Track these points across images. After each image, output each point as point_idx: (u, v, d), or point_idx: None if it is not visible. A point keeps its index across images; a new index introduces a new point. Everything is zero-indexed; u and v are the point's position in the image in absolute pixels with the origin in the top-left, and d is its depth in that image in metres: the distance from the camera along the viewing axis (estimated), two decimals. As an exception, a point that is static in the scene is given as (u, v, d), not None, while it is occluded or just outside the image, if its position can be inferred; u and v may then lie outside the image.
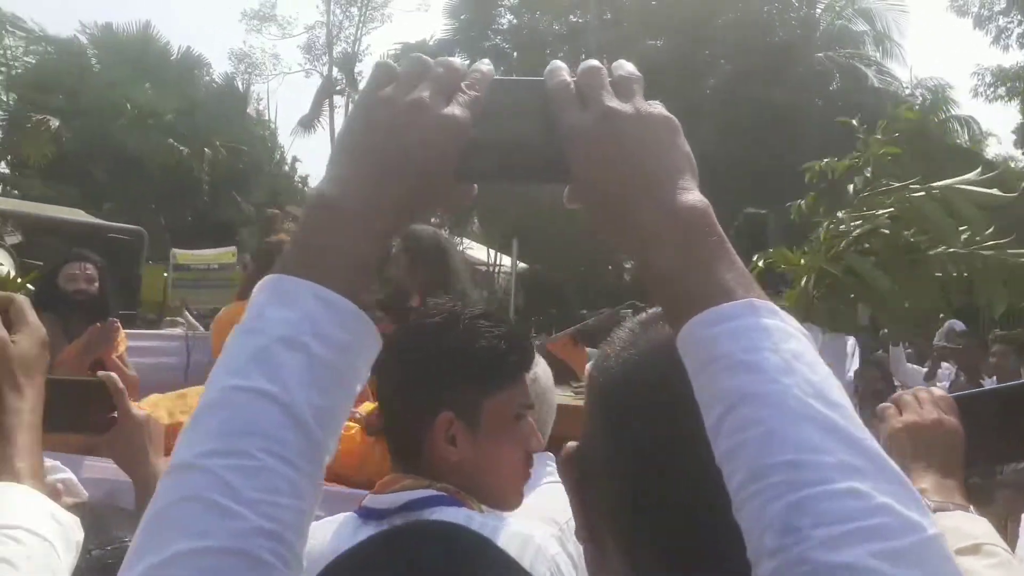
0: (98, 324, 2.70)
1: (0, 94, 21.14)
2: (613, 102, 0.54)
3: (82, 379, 1.23)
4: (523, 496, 1.23)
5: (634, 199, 0.53)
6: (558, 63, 0.57)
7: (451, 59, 0.57)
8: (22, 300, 0.88)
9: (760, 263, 2.18)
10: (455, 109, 0.54)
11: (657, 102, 0.56)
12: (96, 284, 2.92)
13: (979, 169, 2.13)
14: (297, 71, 29.19)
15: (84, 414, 1.15)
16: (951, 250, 1.95)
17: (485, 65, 0.57)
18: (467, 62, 0.58)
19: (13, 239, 7.84)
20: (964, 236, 1.95)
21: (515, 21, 22.42)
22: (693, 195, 0.53)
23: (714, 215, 0.53)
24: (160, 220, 19.09)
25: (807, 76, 17.83)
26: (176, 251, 8.81)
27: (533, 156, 0.56)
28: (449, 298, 1.29)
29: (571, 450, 0.63)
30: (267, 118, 28.53)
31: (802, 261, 2.07)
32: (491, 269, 20.80)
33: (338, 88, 26.28)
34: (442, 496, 1.09)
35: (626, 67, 0.57)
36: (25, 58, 21.70)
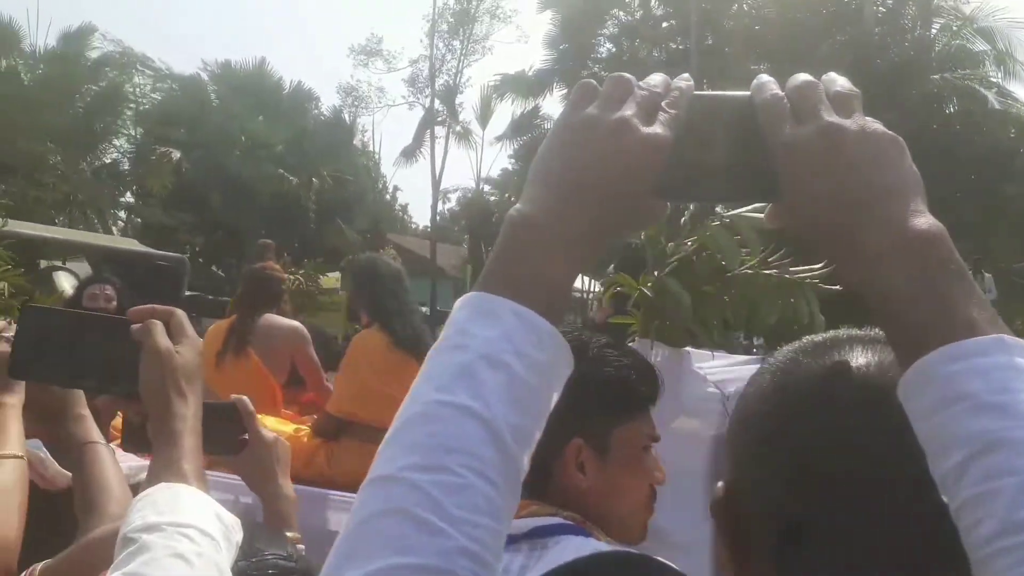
0: None
1: (129, 128, 22.65)
2: (833, 117, 0.51)
3: (215, 402, 1.27)
4: (647, 530, 1.19)
5: (858, 218, 0.49)
6: (766, 77, 0.54)
7: (654, 75, 0.55)
8: (181, 314, 0.92)
9: (608, 289, 2.26)
10: (657, 128, 0.52)
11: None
12: (114, 303, 3.19)
13: None
14: (401, 103, 30.15)
15: (217, 435, 1.18)
16: (743, 271, 2.14)
17: (684, 81, 0.55)
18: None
19: (82, 265, 8.41)
20: (751, 260, 2.15)
21: (614, 50, 22.48)
22: (927, 218, 0.49)
23: (951, 242, 0.49)
24: (269, 246, 19.95)
25: (921, 99, 17.11)
26: (283, 276, 9.20)
27: (737, 174, 0.54)
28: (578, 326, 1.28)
29: (722, 490, 0.58)
30: (371, 149, 29.64)
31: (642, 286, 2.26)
32: (584, 296, 20.66)
33: (439, 119, 26.94)
34: (568, 524, 1.07)
35: (840, 81, 0.53)
36: (152, 94, 23.28)
